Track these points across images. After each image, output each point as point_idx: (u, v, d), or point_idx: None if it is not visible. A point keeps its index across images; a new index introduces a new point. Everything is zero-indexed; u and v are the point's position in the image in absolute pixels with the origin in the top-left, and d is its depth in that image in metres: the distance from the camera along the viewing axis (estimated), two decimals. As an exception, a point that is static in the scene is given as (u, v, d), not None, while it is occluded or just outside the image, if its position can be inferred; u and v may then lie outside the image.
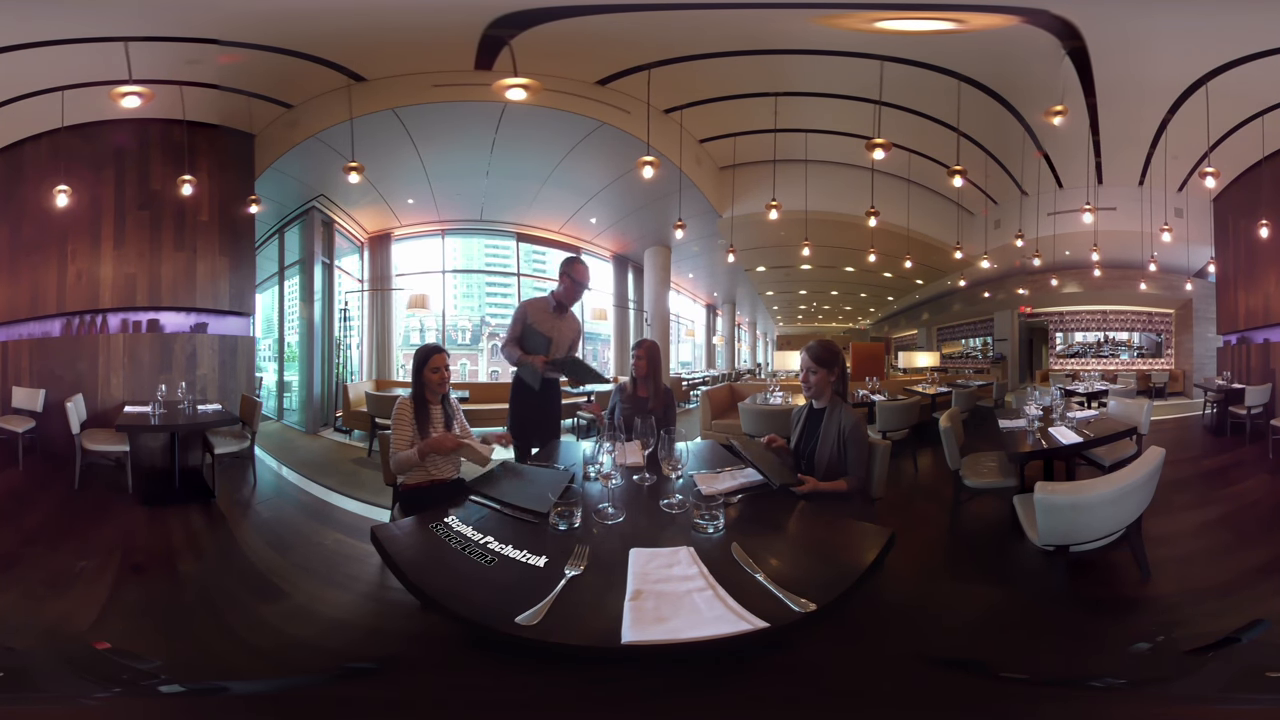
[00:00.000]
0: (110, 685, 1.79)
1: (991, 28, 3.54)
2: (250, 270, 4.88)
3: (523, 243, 6.22)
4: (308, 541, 3.37)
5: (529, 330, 3.46)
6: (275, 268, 5.51)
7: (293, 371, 5.66)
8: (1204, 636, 2.02)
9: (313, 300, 5.45)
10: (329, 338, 5.62)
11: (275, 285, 5.56)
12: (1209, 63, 3.86)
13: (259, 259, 5.00)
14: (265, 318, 5.55)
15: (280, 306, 5.61)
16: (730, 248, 5.67)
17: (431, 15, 3.57)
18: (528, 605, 1.24)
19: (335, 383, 5.67)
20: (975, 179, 5.06)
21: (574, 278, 3.50)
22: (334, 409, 5.59)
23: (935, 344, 6.97)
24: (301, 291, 5.50)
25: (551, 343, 3.46)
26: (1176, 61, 3.88)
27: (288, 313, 5.62)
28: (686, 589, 1.31)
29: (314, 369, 5.48)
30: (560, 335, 3.51)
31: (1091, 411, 4.00)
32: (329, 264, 5.59)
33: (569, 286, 3.51)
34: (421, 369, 2.68)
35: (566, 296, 3.53)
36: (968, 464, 3.35)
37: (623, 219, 6.07)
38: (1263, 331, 4.91)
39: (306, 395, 5.49)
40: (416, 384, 2.69)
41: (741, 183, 5.46)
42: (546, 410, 3.50)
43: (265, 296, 5.45)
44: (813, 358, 2.45)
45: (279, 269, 5.53)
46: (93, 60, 3.68)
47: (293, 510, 3.87)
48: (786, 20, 3.67)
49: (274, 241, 5.46)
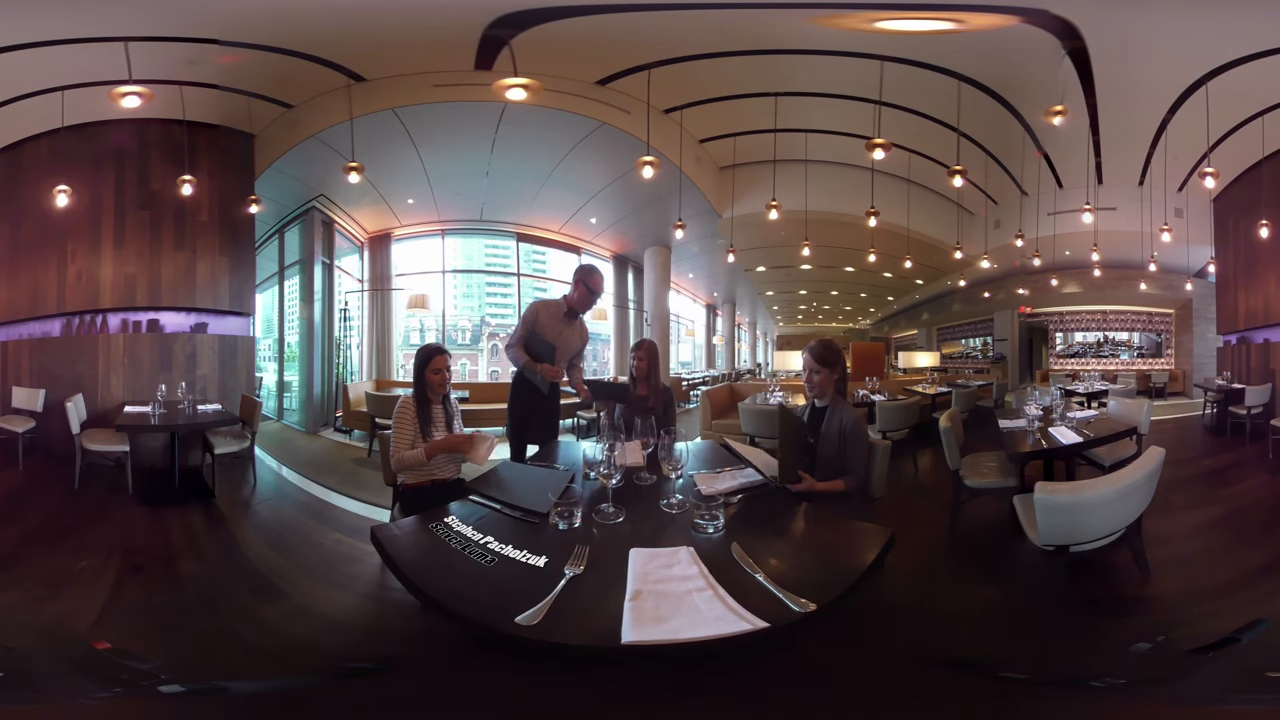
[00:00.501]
0: (110, 685, 1.79)
1: (991, 28, 3.54)
2: (250, 270, 4.88)
3: (523, 243, 6.22)
4: (308, 541, 3.37)
5: (535, 336, 3.39)
6: (275, 268, 5.51)
7: (293, 371, 5.67)
8: (1204, 636, 2.02)
9: (313, 300, 5.46)
10: (329, 338, 5.62)
11: (275, 285, 5.56)
12: (1209, 63, 3.86)
13: (259, 259, 5.00)
14: (265, 318, 5.56)
15: (280, 306, 5.62)
16: (730, 248, 5.67)
17: (431, 15, 3.57)
18: (528, 605, 1.24)
19: (335, 383, 5.67)
20: (975, 179, 5.06)
21: (589, 286, 3.42)
22: (334, 409, 5.59)
23: (935, 344, 6.97)
24: (301, 291, 5.50)
25: (555, 350, 3.40)
26: (1176, 61, 3.88)
27: (288, 313, 5.62)
28: (686, 589, 1.31)
29: (314, 369, 5.49)
30: (567, 343, 3.45)
31: (1091, 411, 4.00)
32: (329, 264, 5.59)
33: (583, 294, 3.43)
34: (423, 369, 2.68)
35: (580, 304, 3.46)
36: (968, 464, 3.35)
37: (623, 219, 6.07)
38: (1263, 331, 4.91)
39: (306, 395, 5.49)
40: (418, 384, 2.69)
41: (741, 183, 5.47)
42: (547, 410, 3.48)
43: (265, 296, 5.45)
44: (815, 358, 2.45)
45: (279, 269, 5.53)
46: (93, 60, 3.68)
47: (293, 510, 3.87)
48: (786, 20, 3.67)
49: (274, 241, 5.46)
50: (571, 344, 3.48)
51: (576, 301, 3.45)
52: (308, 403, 5.47)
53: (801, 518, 1.85)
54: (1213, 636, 1.99)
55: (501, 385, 4.12)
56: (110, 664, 1.95)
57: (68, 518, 3.47)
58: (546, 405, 3.47)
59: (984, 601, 2.62)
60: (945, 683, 1.75)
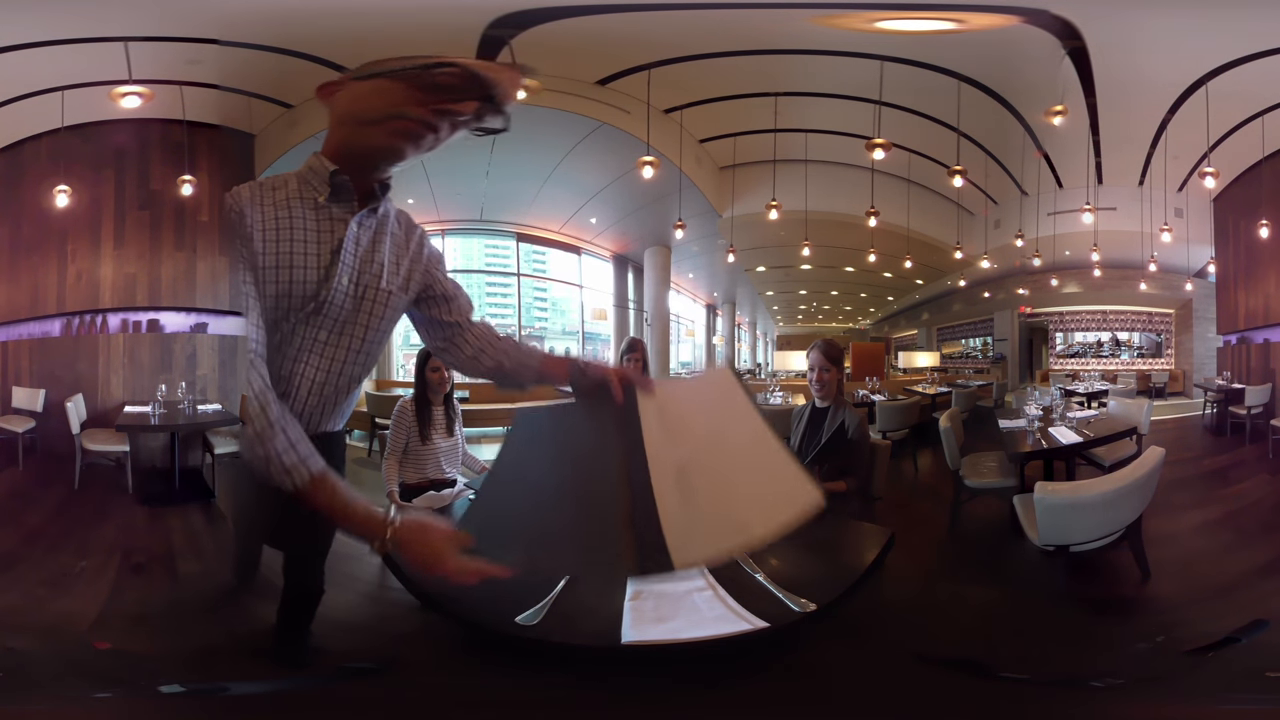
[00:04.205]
0: (110, 685, 1.78)
1: (991, 28, 3.54)
2: (250, 270, 4.88)
3: (523, 243, 6.22)
4: (308, 541, 3.36)
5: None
6: (275, 268, 5.50)
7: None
8: (1204, 636, 2.01)
9: (313, 300, 5.44)
10: (329, 338, 5.60)
11: (275, 285, 5.55)
12: (1209, 63, 3.86)
13: (259, 259, 4.99)
14: (265, 318, 5.54)
15: (280, 306, 5.60)
16: (730, 248, 5.67)
17: (431, 15, 3.57)
18: (528, 605, 1.24)
19: (335, 383, 5.66)
20: (975, 179, 5.05)
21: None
22: (334, 409, 5.58)
23: (935, 344, 6.96)
24: (301, 291, 5.49)
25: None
26: (1176, 61, 3.88)
27: (288, 313, 5.61)
28: (686, 589, 1.31)
29: (314, 369, 5.47)
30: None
31: (1091, 411, 4.00)
32: (329, 264, 5.58)
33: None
34: (423, 368, 2.68)
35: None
36: (968, 464, 3.35)
37: (623, 219, 6.07)
38: (1263, 331, 4.91)
39: (306, 395, 5.48)
40: (419, 384, 2.69)
41: (741, 183, 5.46)
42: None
43: (265, 296, 5.44)
44: (827, 357, 2.47)
45: (279, 269, 5.52)
46: (93, 60, 3.68)
47: (293, 510, 3.87)
48: (786, 20, 3.66)
49: (274, 241, 5.45)
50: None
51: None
52: (308, 403, 5.45)
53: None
54: (1213, 636, 1.98)
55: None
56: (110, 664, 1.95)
57: (68, 518, 3.47)
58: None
59: (984, 601, 2.62)
60: (945, 683, 1.75)
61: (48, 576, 2.70)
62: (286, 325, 1.23)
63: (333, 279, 1.23)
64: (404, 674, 1.73)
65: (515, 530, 1.17)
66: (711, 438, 1.22)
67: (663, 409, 1.20)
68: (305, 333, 1.25)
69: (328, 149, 1.30)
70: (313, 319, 1.24)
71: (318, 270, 1.23)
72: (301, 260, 1.22)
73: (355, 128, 1.23)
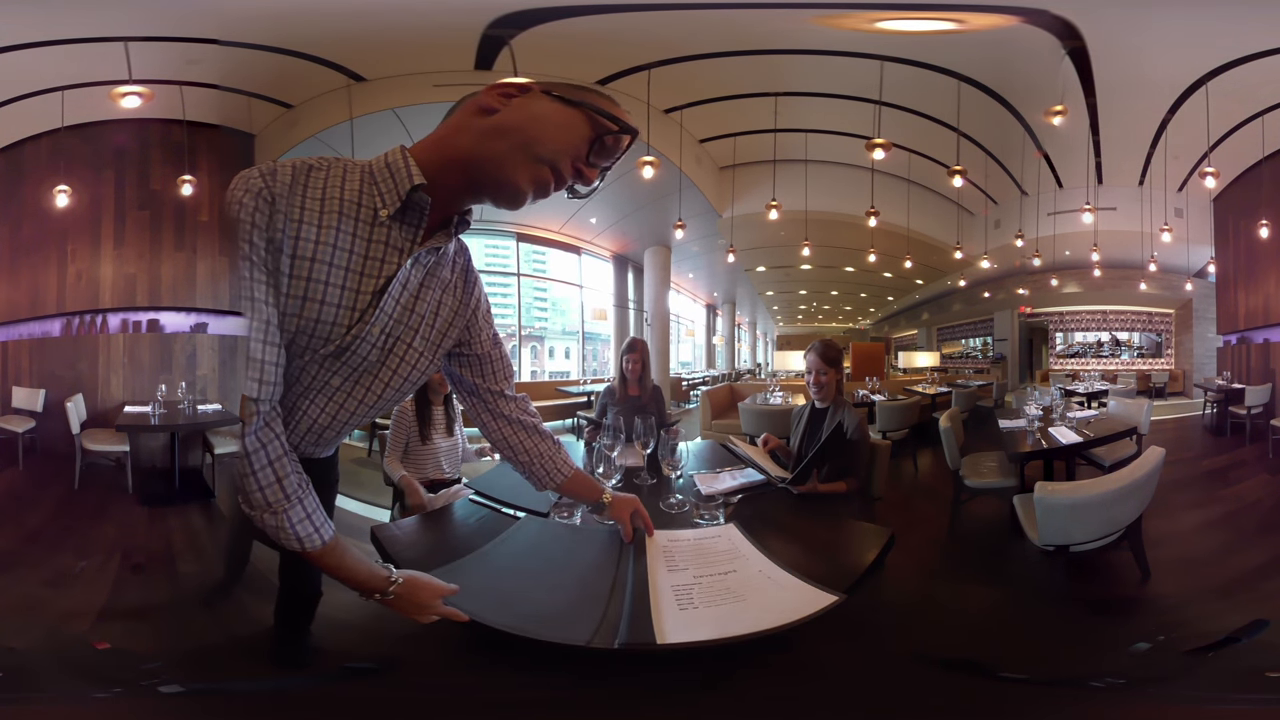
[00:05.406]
0: (110, 685, 1.78)
1: (991, 28, 3.54)
2: (250, 270, 4.87)
3: (523, 243, 6.22)
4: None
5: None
6: (275, 268, 5.50)
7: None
8: (1204, 636, 2.02)
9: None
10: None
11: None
12: (1209, 63, 3.86)
13: (259, 259, 4.99)
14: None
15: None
16: (730, 248, 5.67)
17: (431, 15, 3.57)
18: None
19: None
20: (975, 179, 5.05)
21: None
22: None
23: (935, 344, 6.96)
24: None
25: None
26: (1176, 61, 3.88)
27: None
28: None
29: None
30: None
31: (1091, 411, 4.00)
32: (329, 264, 5.58)
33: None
34: (422, 369, 2.68)
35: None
36: (968, 464, 3.35)
37: (623, 219, 6.07)
38: (1263, 331, 4.91)
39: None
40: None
41: (741, 183, 5.46)
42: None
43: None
44: (824, 359, 2.46)
45: (279, 269, 5.52)
46: (93, 60, 3.68)
47: (293, 510, 3.87)
48: (786, 20, 3.67)
49: (274, 241, 5.45)
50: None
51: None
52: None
53: (801, 518, 1.85)
54: (1213, 636, 1.98)
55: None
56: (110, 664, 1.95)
57: (68, 518, 3.47)
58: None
59: (984, 601, 2.62)
60: (945, 683, 1.75)
61: (48, 576, 2.70)
62: (298, 362, 1.04)
63: (365, 323, 1.01)
64: (404, 674, 1.73)
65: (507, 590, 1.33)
66: (713, 571, 1.37)
67: (669, 551, 1.42)
68: (316, 374, 1.06)
69: (425, 152, 1.02)
70: (328, 362, 1.05)
71: (351, 312, 1.00)
72: (336, 296, 0.98)
73: (508, 148, 0.98)
